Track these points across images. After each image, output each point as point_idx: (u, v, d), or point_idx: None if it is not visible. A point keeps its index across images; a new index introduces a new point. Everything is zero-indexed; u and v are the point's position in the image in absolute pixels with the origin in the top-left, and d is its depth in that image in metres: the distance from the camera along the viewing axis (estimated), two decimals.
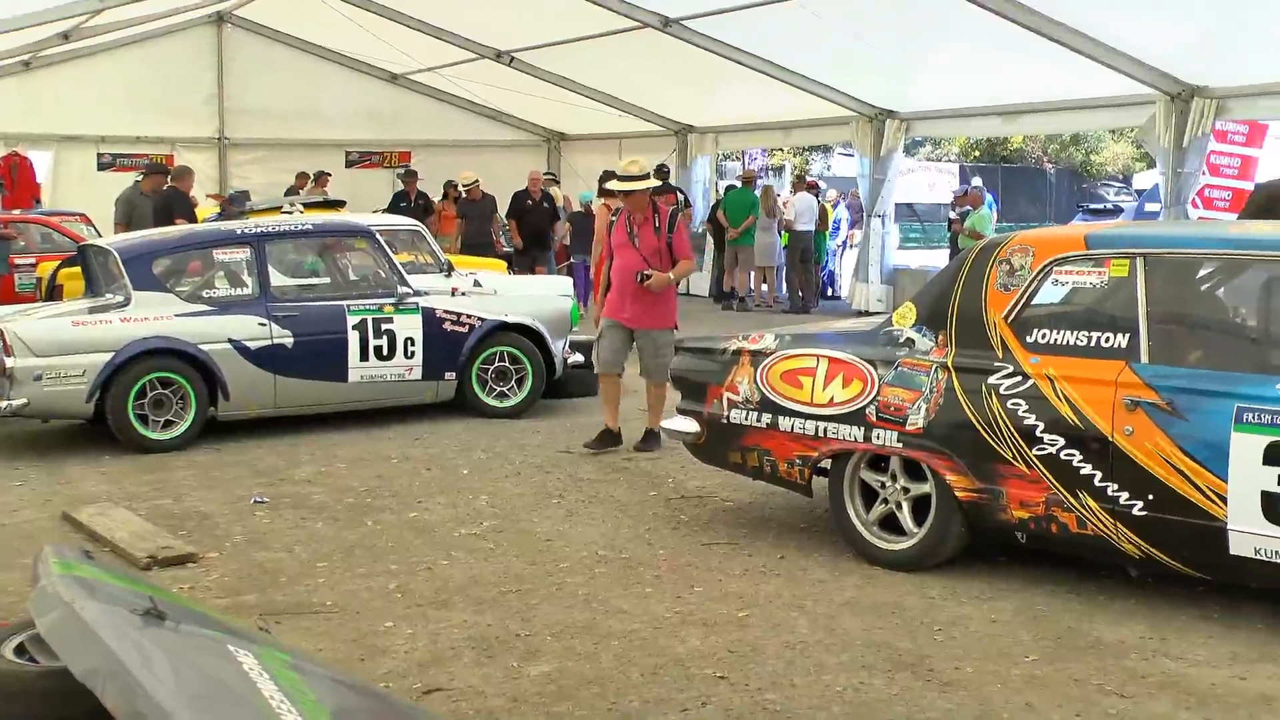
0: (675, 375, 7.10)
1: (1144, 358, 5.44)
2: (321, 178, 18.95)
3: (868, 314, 15.40)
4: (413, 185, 19.34)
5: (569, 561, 6.35)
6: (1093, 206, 32.51)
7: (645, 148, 21.12)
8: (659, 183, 10.11)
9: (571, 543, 6.67)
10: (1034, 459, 5.61)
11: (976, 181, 23.93)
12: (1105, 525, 5.46)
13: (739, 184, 20.29)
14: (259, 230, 9.77)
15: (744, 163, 32.34)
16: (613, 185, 8.95)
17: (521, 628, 5.42)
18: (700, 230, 20.98)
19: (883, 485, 6.21)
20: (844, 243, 22.04)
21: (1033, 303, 5.84)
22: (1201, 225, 9.07)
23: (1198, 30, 12.72)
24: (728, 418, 6.66)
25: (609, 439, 8.86)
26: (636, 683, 4.82)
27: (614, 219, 8.95)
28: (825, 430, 6.26)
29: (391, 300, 9.76)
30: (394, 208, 18.46)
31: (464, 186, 17.63)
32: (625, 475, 8.20)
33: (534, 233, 17.61)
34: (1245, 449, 5.05)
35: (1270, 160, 21.50)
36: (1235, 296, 6.18)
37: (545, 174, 19.70)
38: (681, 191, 19.00)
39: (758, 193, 19.37)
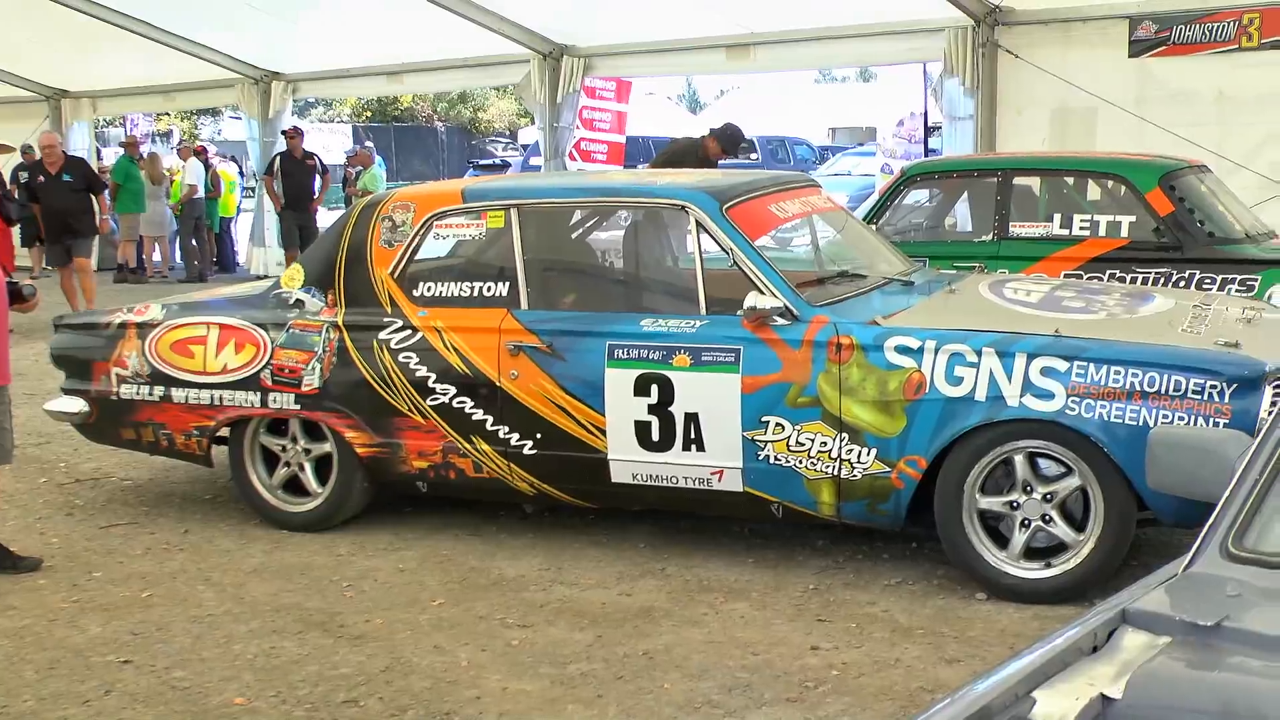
0: (57, 354, 6.69)
1: (524, 304, 5.72)
2: None
3: (266, 279, 15.15)
4: None
5: None
6: (482, 163, 33.56)
7: (15, 115, 19.61)
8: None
9: None
10: (428, 410, 5.77)
11: (369, 144, 24.13)
12: (500, 467, 5.72)
13: (122, 150, 19.33)
14: None
15: (126, 129, 30.80)
16: None
17: None
18: None
19: (283, 448, 6.18)
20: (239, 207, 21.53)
21: (417, 258, 5.99)
22: (570, 175, 9.62)
23: None
24: (118, 394, 6.37)
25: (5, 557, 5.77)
26: (31, 681, 4.55)
27: None
28: (221, 398, 6.14)
29: None
30: None
31: None
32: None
33: (56, 214, 13.82)
34: (618, 383, 5.44)
35: (641, 115, 23.12)
36: (603, 241, 6.64)
37: None
38: None
39: (142, 160, 18.55)
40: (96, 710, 4.30)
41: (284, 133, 16.63)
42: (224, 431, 6.28)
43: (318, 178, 16.40)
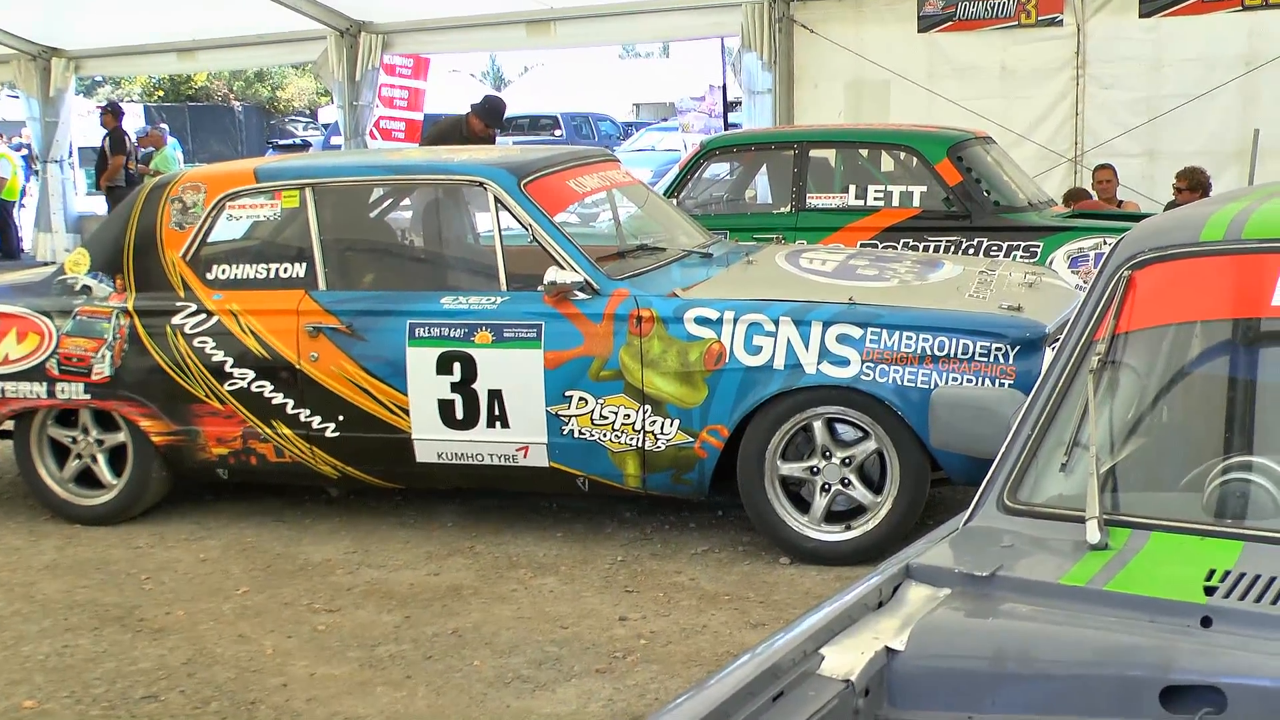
0: None
1: (322, 285, 5.64)
2: None
3: (51, 265, 14.58)
4: None
5: None
6: (282, 143, 32.90)
7: None
8: None
9: None
10: (226, 395, 5.64)
11: (162, 124, 23.37)
12: (302, 450, 5.63)
13: None
14: None
15: None
16: None
17: None
18: None
19: (74, 440, 5.98)
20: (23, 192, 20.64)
21: (210, 240, 5.85)
22: (366, 154, 9.47)
23: None
24: None
25: None
26: None
27: None
28: (3, 390, 5.90)
29: None
30: None
31: None
32: None
33: None
34: (420, 362, 5.40)
35: (445, 92, 22.90)
36: (402, 219, 6.57)
37: None
38: None
39: None
40: None
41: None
42: (8, 425, 6.04)
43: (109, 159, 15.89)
